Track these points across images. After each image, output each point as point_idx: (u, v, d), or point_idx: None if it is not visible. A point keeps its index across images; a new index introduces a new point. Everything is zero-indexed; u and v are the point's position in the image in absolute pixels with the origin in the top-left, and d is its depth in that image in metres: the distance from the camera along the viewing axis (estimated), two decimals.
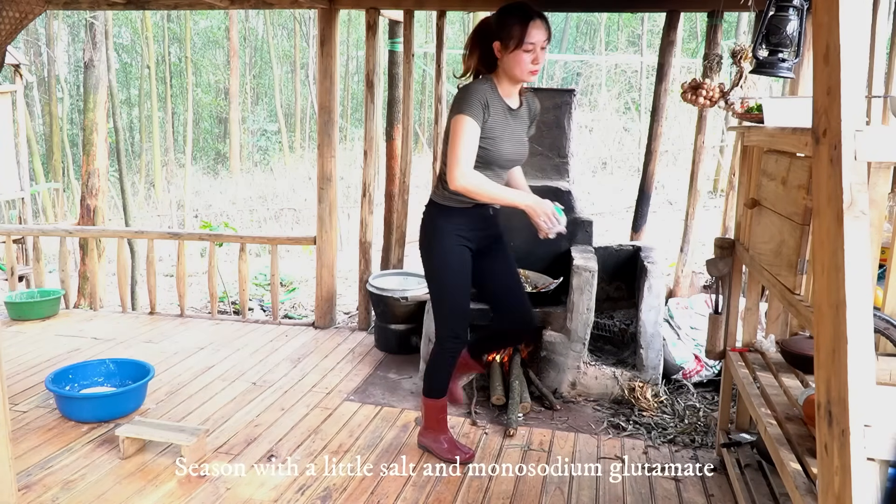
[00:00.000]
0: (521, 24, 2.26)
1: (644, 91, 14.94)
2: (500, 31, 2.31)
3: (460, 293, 2.58)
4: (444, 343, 2.63)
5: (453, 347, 2.63)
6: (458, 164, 2.26)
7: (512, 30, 2.27)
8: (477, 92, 2.32)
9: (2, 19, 1.85)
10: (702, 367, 3.56)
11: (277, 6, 4.60)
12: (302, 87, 20.43)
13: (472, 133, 2.28)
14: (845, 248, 1.08)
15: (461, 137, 2.27)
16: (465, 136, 2.27)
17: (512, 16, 2.29)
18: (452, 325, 2.59)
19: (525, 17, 2.27)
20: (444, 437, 2.81)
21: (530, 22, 2.27)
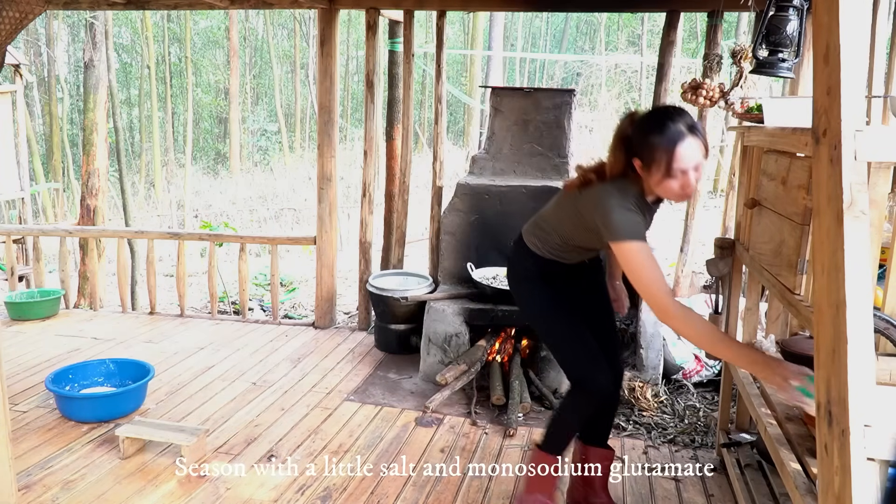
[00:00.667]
0: (667, 149, 1.82)
1: (644, 91, 14.94)
2: (641, 150, 1.88)
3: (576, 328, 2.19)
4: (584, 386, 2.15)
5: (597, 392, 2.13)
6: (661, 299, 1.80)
7: (655, 152, 1.84)
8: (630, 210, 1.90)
9: (2, 19, 1.85)
10: (702, 367, 3.56)
11: (277, 6, 4.60)
12: (302, 87, 20.44)
13: (650, 256, 1.85)
14: (845, 248, 1.08)
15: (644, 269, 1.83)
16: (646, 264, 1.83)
17: (655, 133, 1.84)
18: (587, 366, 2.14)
19: (672, 137, 1.82)
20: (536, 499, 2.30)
21: (678, 144, 1.81)
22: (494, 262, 3.88)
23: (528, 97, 3.91)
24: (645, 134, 1.87)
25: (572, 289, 2.27)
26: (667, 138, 1.82)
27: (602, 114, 15.53)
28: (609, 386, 2.18)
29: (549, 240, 2.18)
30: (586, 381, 2.14)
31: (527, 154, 3.97)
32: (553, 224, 2.18)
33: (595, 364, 2.14)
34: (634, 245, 1.85)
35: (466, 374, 3.40)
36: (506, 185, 3.78)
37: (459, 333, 3.58)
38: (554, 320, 2.22)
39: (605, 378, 2.14)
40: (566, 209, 2.13)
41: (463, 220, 3.88)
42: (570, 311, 2.22)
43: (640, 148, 1.88)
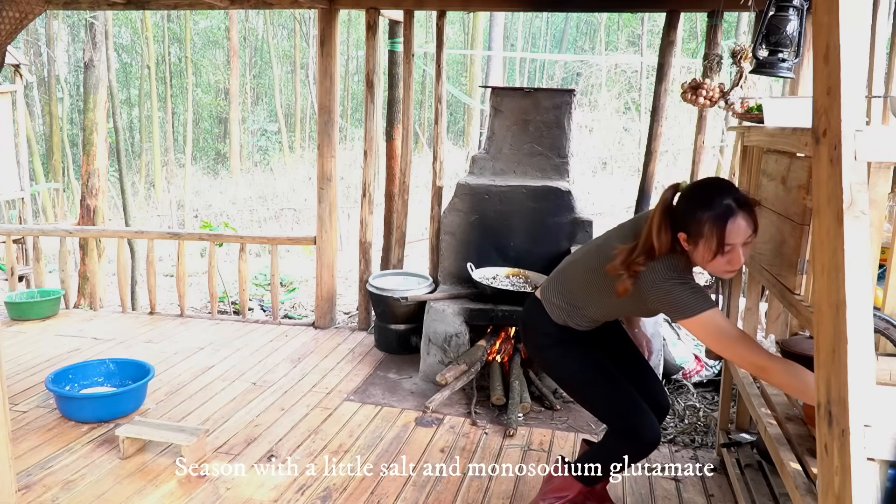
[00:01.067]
0: (717, 225, 1.72)
1: (644, 91, 14.94)
2: (688, 226, 1.78)
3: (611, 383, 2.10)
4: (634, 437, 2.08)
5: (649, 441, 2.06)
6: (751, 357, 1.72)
7: (703, 228, 1.74)
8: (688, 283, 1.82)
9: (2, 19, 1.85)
10: (702, 367, 3.56)
11: (277, 6, 4.60)
12: (302, 87, 20.43)
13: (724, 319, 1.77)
14: (845, 248, 1.08)
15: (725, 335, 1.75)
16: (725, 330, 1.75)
17: (704, 208, 1.75)
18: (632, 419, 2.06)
19: (722, 213, 1.72)
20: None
21: (728, 221, 1.72)
22: (494, 262, 3.88)
23: (528, 97, 3.91)
24: (693, 209, 1.77)
25: (598, 342, 2.19)
26: (716, 214, 1.72)
27: (602, 114, 15.54)
28: (657, 432, 2.09)
29: (578, 312, 2.06)
30: (637, 435, 2.07)
31: (527, 154, 3.97)
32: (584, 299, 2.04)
33: (640, 415, 2.06)
34: (707, 315, 1.76)
35: (466, 374, 3.40)
36: (506, 185, 3.78)
37: (459, 333, 3.58)
38: (587, 382, 2.13)
39: (653, 425, 2.07)
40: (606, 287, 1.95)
41: (463, 220, 3.88)
42: (602, 368, 2.12)
43: (687, 223, 1.78)
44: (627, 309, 2.06)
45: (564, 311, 2.08)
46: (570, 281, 2.10)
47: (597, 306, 2.04)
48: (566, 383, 2.21)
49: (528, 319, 2.21)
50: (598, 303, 2.03)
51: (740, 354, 1.74)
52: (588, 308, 2.05)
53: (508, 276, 3.80)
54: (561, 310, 2.08)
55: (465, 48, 17.57)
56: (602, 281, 1.96)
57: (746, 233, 1.74)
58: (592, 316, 2.07)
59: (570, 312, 2.07)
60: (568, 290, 2.08)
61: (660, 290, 1.82)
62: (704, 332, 1.78)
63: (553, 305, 2.10)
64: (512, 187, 3.77)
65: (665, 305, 1.83)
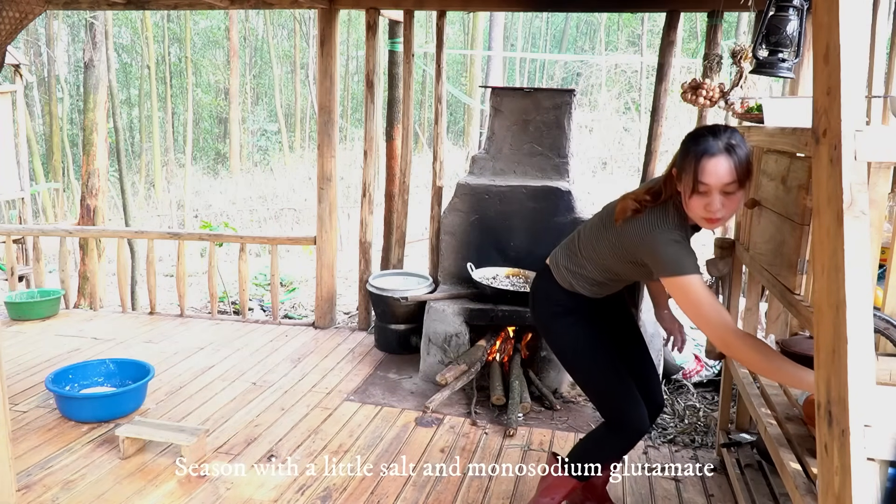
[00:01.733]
0: (695, 159, 1.73)
1: (644, 91, 14.95)
2: (679, 160, 1.81)
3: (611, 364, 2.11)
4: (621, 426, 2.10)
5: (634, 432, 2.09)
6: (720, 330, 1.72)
7: (685, 162, 1.76)
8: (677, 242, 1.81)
9: (2, 19, 1.85)
10: (702, 367, 3.56)
11: (277, 6, 4.60)
12: (302, 87, 20.44)
13: (704, 288, 1.76)
14: (845, 248, 1.08)
15: (702, 304, 1.74)
16: (703, 298, 1.74)
17: (691, 143, 1.78)
18: (624, 406, 2.08)
19: (703, 149, 1.73)
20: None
21: (704, 156, 1.72)
22: (494, 262, 3.88)
23: (528, 97, 3.91)
24: (684, 144, 1.80)
25: (605, 322, 2.17)
26: (699, 148, 1.73)
27: (602, 114, 15.54)
28: (646, 423, 2.09)
29: (583, 273, 2.06)
30: (623, 422, 2.08)
31: (527, 154, 3.97)
32: (590, 255, 2.04)
33: (631, 403, 2.07)
34: (688, 279, 1.76)
35: (466, 374, 3.40)
36: (506, 185, 3.78)
37: (459, 333, 3.58)
38: (588, 358, 2.12)
39: (642, 416, 2.07)
40: (608, 240, 1.97)
41: (463, 220, 3.88)
42: (605, 348, 2.12)
43: (679, 158, 1.81)
44: (626, 268, 2.01)
45: (570, 273, 2.08)
46: (579, 240, 2.09)
47: (599, 263, 2.03)
48: (566, 356, 2.18)
49: (537, 288, 2.21)
50: (601, 257, 2.01)
51: (712, 327, 1.74)
52: (592, 265, 2.04)
53: (508, 276, 3.80)
54: (568, 271, 2.09)
55: (465, 48, 17.58)
56: (607, 233, 1.97)
57: (724, 178, 1.71)
58: (595, 275, 2.06)
59: (575, 274, 2.08)
60: (575, 250, 2.09)
61: (651, 238, 1.83)
62: (682, 297, 1.77)
63: (560, 268, 2.11)
64: (512, 187, 3.77)
65: (652, 257, 1.83)
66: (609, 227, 1.96)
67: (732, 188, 1.74)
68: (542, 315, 2.20)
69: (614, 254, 1.98)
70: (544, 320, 2.20)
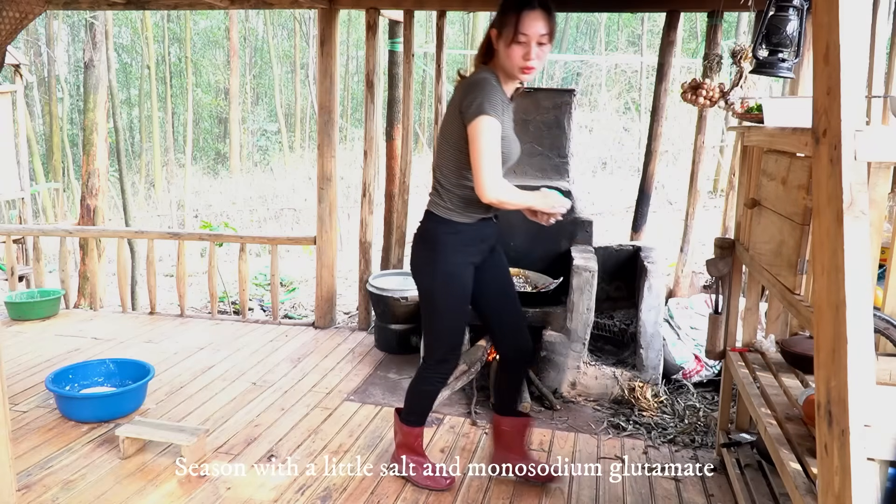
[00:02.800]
0: (516, 12, 2.00)
1: (644, 91, 14.94)
2: (498, 18, 2.06)
3: (461, 316, 2.34)
4: (437, 367, 2.40)
5: (445, 371, 2.41)
6: (491, 174, 1.99)
7: (506, 17, 2.02)
8: (493, 87, 2.06)
9: (2, 19, 1.85)
10: (702, 367, 3.56)
11: (277, 6, 4.60)
12: (302, 87, 20.43)
13: (498, 136, 2.02)
14: (845, 248, 1.08)
15: (490, 142, 1.99)
16: (493, 140, 2.00)
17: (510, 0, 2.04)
18: (448, 350, 2.38)
19: (520, 2, 2.01)
20: (426, 463, 2.59)
21: (525, 9, 1.99)
22: None
23: (528, 97, 3.91)
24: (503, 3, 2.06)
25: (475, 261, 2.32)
26: (519, 3, 2.01)
27: (602, 114, 15.54)
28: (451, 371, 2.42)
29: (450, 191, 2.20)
30: (443, 363, 2.38)
31: (527, 154, 3.96)
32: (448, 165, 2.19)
33: (456, 351, 2.40)
34: (488, 119, 2.00)
35: (466, 374, 3.40)
36: None
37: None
38: (447, 296, 2.27)
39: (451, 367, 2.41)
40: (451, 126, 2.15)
41: None
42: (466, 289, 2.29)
43: (498, 14, 2.06)
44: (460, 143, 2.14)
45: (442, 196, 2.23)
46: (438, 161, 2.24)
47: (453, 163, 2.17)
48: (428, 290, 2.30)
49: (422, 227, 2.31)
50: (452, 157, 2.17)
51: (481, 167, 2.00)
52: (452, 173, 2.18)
53: None
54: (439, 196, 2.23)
55: (465, 48, 17.57)
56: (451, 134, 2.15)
57: (542, 27, 2.01)
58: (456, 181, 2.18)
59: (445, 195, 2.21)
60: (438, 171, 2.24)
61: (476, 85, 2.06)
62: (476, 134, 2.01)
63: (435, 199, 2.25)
64: None
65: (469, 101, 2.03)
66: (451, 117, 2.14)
67: (545, 39, 2.03)
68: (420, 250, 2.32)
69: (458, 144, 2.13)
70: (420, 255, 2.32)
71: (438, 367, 2.40)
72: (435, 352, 2.39)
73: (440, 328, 2.35)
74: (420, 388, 2.47)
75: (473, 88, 2.05)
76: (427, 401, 2.50)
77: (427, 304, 2.33)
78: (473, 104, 2.02)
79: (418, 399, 2.49)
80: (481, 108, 2.01)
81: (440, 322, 2.34)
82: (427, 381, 2.44)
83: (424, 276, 2.30)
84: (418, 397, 2.49)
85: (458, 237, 2.23)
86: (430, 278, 2.28)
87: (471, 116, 2.02)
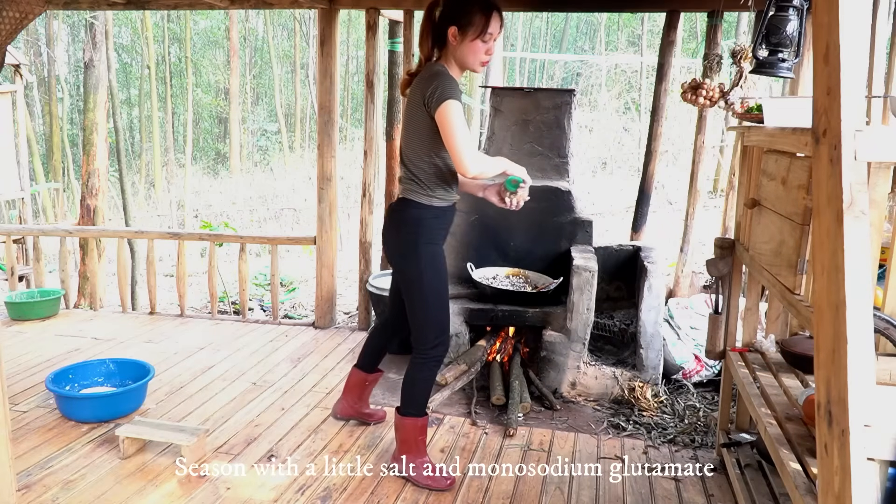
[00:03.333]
0: (484, 14, 2.22)
1: (644, 91, 14.95)
2: (460, 17, 2.23)
3: (446, 296, 2.46)
4: (431, 352, 2.47)
5: (439, 355, 2.48)
6: (469, 151, 2.18)
7: (473, 17, 2.22)
8: (451, 77, 2.26)
9: (2, 19, 1.85)
10: (702, 367, 3.56)
11: (277, 6, 4.60)
12: (302, 87, 20.43)
13: (463, 117, 2.22)
14: (845, 248, 1.08)
15: (461, 124, 2.19)
16: (461, 120, 2.20)
17: (473, 3, 2.23)
18: (439, 332, 2.46)
19: (487, 6, 2.23)
20: (427, 462, 2.59)
21: (493, 12, 2.24)
22: (494, 262, 3.88)
23: (528, 97, 3.91)
24: (462, 4, 2.24)
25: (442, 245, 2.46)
26: (483, 6, 2.23)
27: (602, 114, 15.54)
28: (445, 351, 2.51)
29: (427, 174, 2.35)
30: (436, 347, 2.46)
31: (527, 154, 3.97)
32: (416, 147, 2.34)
33: (447, 332, 2.49)
34: (454, 103, 2.18)
35: (466, 374, 3.41)
36: None
37: (459, 333, 3.58)
38: (433, 277, 2.40)
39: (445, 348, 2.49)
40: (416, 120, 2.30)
41: (463, 220, 3.88)
42: (446, 270, 2.45)
43: (459, 14, 2.23)
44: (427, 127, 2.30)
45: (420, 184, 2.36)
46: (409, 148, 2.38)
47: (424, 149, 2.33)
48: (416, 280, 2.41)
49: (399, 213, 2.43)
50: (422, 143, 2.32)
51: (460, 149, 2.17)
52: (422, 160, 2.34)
53: (508, 276, 3.80)
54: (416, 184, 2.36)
55: None
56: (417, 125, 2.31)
57: (500, 27, 2.28)
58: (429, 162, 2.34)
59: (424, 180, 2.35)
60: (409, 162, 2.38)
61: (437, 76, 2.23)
62: (447, 119, 2.17)
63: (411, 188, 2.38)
64: None
65: (433, 90, 2.20)
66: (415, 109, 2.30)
67: (498, 37, 2.30)
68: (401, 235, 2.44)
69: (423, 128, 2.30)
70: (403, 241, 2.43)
71: (432, 352, 2.46)
72: (427, 338, 2.45)
73: (430, 313, 2.43)
74: (418, 378, 2.51)
75: (433, 80, 2.22)
76: (426, 389, 2.54)
77: (415, 290, 2.42)
78: (436, 93, 2.19)
79: (417, 389, 2.53)
80: (445, 95, 2.18)
81: (429, 306, 2.43)
82: (423, 368, 2.49)
83: (411, 262, 2.40)
84: (417, 387, 2.52)
85: (437, 221, 2.40)
86: (416, 262, 2.38)
87: (437, 104, 2.19)
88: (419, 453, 2.58)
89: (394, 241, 2.46)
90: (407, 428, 2.56)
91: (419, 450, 2.58)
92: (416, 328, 2.49)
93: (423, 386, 2.53)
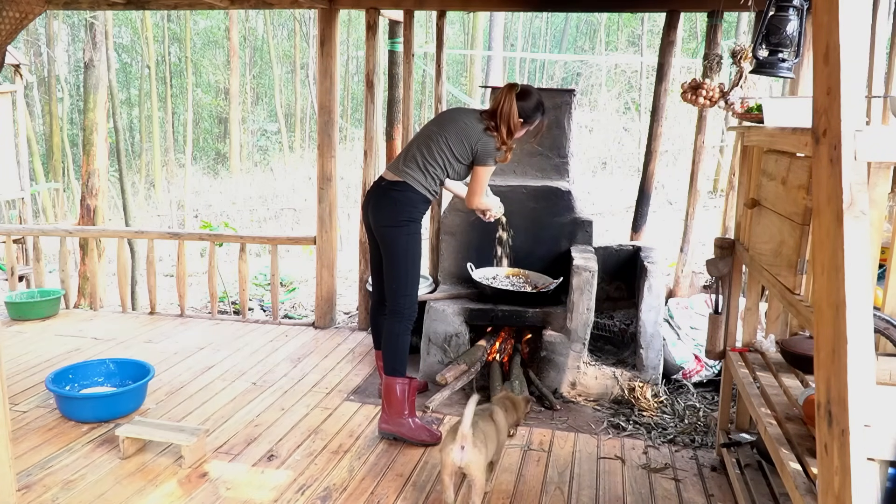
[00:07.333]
0: (543, 115, 2.97)
1: (644, 91, 14.94)
2: (532, 117, 2.90)
3: (420, 265, 2.97)
4: (411, 317, 2.91)
5: (414, 313, 2.93)
6: (480, 195, 2.95)
7: (535, 114, 2.91)
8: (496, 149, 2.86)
9: (2, 19, 1.85)
10: (702, 367, 3.56)
11: (277, 6, 4.60)
12: (302, 87, 20.43)
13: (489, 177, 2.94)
14: (845, 248, 1.08)
15: (485, 180, 2.93)
16: (487, 179, 2.93)
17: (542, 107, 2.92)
18: (415, 299, 2.93)
19: (545, 111, 2.96)
20: (414, 420, 2.92)
21: (546, 115, 3.00)
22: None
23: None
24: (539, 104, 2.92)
25: None
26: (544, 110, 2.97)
27: (602, 114, 15.54)
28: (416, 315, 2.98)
29: (433, 174, 2.86)
30: (408, 313, 2.90)
31: (527, 154, 3.97)
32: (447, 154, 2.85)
33: (415, 299, 2.94)
34: (490, 169, 2.90)
35: (466, 374, 3.40)
36: (506, 186, 3.78)
37: (459, 333, 3.58)
38: (416, 247, 2.89)
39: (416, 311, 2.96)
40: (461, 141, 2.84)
41: (463, 220, 3.88)
42: (420, 250, 2.94)
43: (532, 115, 2.90)
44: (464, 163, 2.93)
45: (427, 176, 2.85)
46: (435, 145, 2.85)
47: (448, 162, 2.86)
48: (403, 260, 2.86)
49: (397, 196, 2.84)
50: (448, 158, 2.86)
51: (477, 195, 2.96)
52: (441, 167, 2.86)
53: (508, 276, 3.80)
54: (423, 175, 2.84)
55: (465, 48, 17.57)
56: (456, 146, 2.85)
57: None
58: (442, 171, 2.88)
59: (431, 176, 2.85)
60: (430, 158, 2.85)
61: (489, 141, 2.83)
62: (479, 177, 2.90)
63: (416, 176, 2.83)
64: (512, 187, 3.77)
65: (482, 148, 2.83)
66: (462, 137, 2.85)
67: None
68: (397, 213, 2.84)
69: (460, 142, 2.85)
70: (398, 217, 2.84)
71: (408, 311, 2.91)
72: (408, 305, 2.90)
73: (410, 280, 2.89)
74: (402, 340, 2.92)
75: (488, 144, 2.84)
76: (405, 348, 2.94)
77: (401, 257, 2.86)
78: (486, 155, 2.85)
79: (399, 346, 2.92)
80: (488, 161, 2.86)
81: (410, 273, 2.88)
82: (406, 331, 2.94)
83: (401, 233, 2.83)
84: (399, 344, 2.92)
85: (424, 206, 2.88)
86: (406, 234, 2.84)
87: (481, 161, 2.86)
88: (410, 413, 2.93)
89: (388, 215, 2.85)
90: (402, 388, 2.89)
91: (410, 410, 2.93)
92: (395, 291, 2.89)
93: (403, 344, 2.92)
